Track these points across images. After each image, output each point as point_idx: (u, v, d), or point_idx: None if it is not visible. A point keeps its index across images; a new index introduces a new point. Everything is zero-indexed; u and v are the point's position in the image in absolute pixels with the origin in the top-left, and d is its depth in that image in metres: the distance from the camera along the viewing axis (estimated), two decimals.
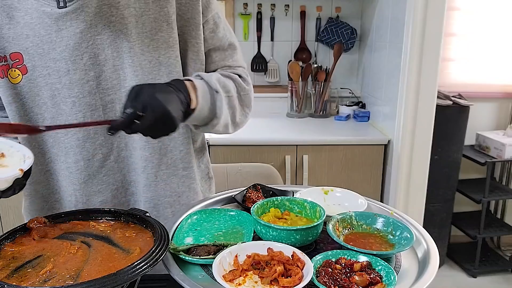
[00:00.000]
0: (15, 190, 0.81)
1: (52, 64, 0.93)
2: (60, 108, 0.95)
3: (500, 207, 3.01)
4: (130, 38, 0.93)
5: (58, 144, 0.98)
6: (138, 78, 0.95)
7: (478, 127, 2.85)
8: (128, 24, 0.93)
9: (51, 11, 0.90)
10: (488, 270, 2.76)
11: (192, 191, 1.09)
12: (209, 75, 0.97)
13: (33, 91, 0.95)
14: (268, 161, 2.23)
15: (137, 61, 0.95)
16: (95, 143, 0.98)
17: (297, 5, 2.77)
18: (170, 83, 0.88)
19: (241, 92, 1.05)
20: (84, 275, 0.70)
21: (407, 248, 0.79)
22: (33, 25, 0.91)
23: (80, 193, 1.01)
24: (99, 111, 0.97)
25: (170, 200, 1.06)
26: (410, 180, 2.22)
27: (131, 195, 1.05)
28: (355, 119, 2.70)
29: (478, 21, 2.76)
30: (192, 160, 1.07)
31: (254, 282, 0.70)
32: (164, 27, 0.95)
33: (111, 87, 0.96)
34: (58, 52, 0.92)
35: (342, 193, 1.02)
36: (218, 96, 0.96)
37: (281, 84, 2.86)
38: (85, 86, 0.94)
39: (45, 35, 0.91)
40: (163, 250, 0.74)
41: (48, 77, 0.94)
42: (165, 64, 0.97)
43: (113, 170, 1.01)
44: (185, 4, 0.97)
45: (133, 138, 1.00)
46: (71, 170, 1.00)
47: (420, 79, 2.08)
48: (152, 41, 0.95)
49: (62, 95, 0.95)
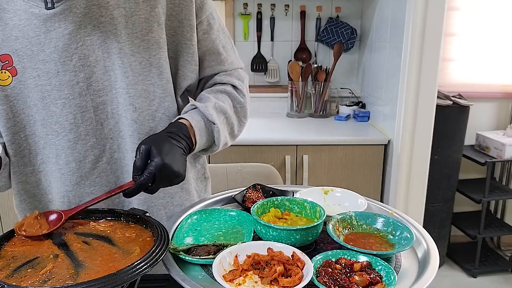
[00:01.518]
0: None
1: (41, 66, 0.92)
2: (51, 110, 0.94)
3: (500, 207, 3.01)
4: (120, 39, 0.92)
5: (49, 146, 0.97)
6: (128, 80, 0.94)
7: (478, 127, 2.85)
8: (118, 25, 0.92)
9: (40, 12, 0.89)
10: (488, 270, 2.76)
11: (185, 192, 1.09)
12: (205, 106, 0.98)
13: (23, 93, 0.94)
14: (268, 161, 2.23)
15: (127, 62, 0.94)
16: (87, 144, 0.97)
17: (297, 5, 2.77)
18: (172, 132, 0.92)
19: (237, 105, 1.06)
20: (84, 275, 0.70)
21: (407, 248, 0.79)
22: (21, 27, 0.90)
23: (73, 194, 1.00)
24: (90, 113, 0.96)
25: (163, 202, 1.06)
26: (410, 180, 2.22)
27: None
28: (355, 119, 2.70)
29: (478, 21, 2.76)
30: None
31: (254, 282, 0.70)
32: (155, 27, 0.95)
33: (102, 88, 0.95)
34: (47, 54, 0.91)
35: (342, 193, 1.02)
36: (215, 127, 0.99)
37: (281, 84, 2.86)
38: (75, 87, 0.94)
39: (34, 37, 0.90)
40: (163, 250, 0.74)
41: (37, 78, 0.93)
42: (156, 65, 0.96)
43: (105, 171, 1.01)
44: (178, 5, 0.97)
45: (126, 140, 0.99)
46: (63, 171, 0.99)
47: (420, 79, 2.08)
48: (142, 41, 0.94)
49: (52, 96, 0.94)
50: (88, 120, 0.96)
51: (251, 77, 2.86)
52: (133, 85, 0.95)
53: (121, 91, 0.95)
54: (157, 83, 0.97)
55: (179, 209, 1.07)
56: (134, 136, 0.98)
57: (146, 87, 0.96)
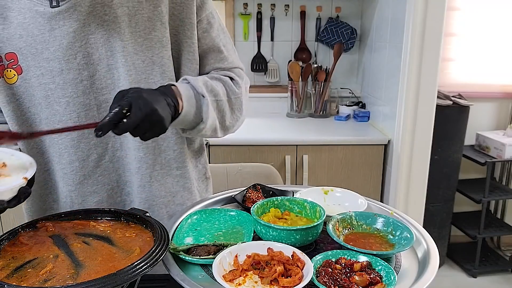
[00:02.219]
0: (21, 199, 0.78)
1: (45, 64, 0.92)
2: (54, 109, 0.95)
3: (500, 207, 3.01)
4: (123, 37, 0.93)
5: (53, 145, 0.98)
6: (131, 78, 0.95)
7: (478, 127, 2.85)
8: (121, 23, 0.92)
9: (44, 10, 0.89)
10: (488, 270, 2.76)
11: (186, 191, 1.09)
12: (196, 79, 0.96)
13: (28, 91, 0.94)
14: (268, 161, 2.23)
15: (131, 60, 0.94)
16: (90, 143, 0.98)
17: (297, 5, 2.77)
18: (157, 89, 0.88)
19: (231, 95, 1.03)
20: (84, 275, 0.70)
21: (407, 248, 0.79)
22: (26, 25, 0.91)
23: (76, 193, 1.01)
24: (93, 111, 0.96)
25: (164, 201, 1.06)
26: (410, 180, 2.22)
27: (127, 195, 1.04)
28: (355, 119, 2.70)
29: (478, 21, 2.76)
30: (186, 159, 1.07)
31: (254, 282, 0.70)
32: (158, 26, 0.95)
33: (105, 86, 0.96)
34: (51, 52, 0.91)
35: (342, 193, 1.02)
36: (204, 100, 0.95)
37: (281, 84, 2.86)
38: (79, 85, 0.94)
39: (38, 35, 0.91)
40: (163, 250, 0.74)
41: (41, 77, 0.93)
42: (159, 64, 0.97)
43: (108, 170, 1.01)
44: (180, 4, 0.97)
45: (128, 138, 0.99)
46: (66, 171, 0.99)
47: (420, 79, 2.08)
48: (145, 40, 0.95)
49: (56, 95, 0.94)
50: (92, 118, 0.96)
51: (251, 77, 2.86)
52: (136, 83, 0.95)
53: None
54: (159, 81, 0.97)
55: (180, 208, 1.07)
56: None
57: (149, 86, 0.96)
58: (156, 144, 1.01)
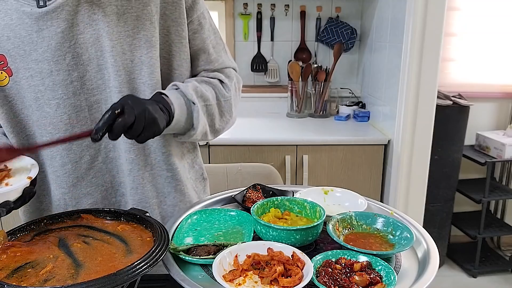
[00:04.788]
0: (26, 199, 0.79)
1: (34, 66, 0.91)
2: (45, 111, 0.93)
3: (500, 207, 3.01)
4: (112, 36, 0.91)
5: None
6: (120, 78, 0.93)
7: (478, 127, 2.85)
8: (110, 23, 0.91)
9: (31, 11, 0.88)
10: (488, 270, 2.76)
11: (179, 192, 1.08)
12: (185, 86, 0.96)
13: (20, 93, 0.93)
14: (268, 161, 2.23)
15: (119, 60, 0.93)
16: (82, 144, 0.97)
17: (297, 5, 2.77)
18: (150, 98, 0.90)
19: (221, 99, 1.03)
20: (84, 275, 0.70)
21: (407, 248, 0.79)
22: (13, 26, 0.89)
23: (69, 196, 1.00)
24: (84, 112, 0.95)
25: (157, 201, 1.06)
26: (410, 180, 2.22)
27: (121, 196, 1.04)
28: (355, 119, 2.70)
29: (478, 21, 2.76)
30: (175, 161, 1.06)
31: (254, 282, 0.70)
32: (147, 25, 0.93)
33: (96, 87, 0.94)
34: (40, 53, 0.90)
35: (342, 193, 1.02)
36: (195, 107, 0.95)
37: (281, 84, 2.86)
38: (69, 87, 0.93)
39: (26, 36, 0.89)
40: (163, 250, 0.74)
41: (30, 79, 0.91)
42: (147, 64, 0.95)
43: (101, 171, 1.00)
44: (172, 4, 0.96)
45: (120, 139, 0.99)
46: (58, 174, 0.98)
47: (420, 79, 2.08)
48: (134, 40, 0.93)
49: (46, 97, 0.92)
50: (83, 120, 0.95)
51: (251, 77, 2.86)
52: (125, 83, 0.94)
53: (114, 90, 0.94)
54: (147, 82, 0.96)
55: (172, 209, 1.07)
56: None
57: (137, 86, 0.96)
58: (145, 145, 1.00)
